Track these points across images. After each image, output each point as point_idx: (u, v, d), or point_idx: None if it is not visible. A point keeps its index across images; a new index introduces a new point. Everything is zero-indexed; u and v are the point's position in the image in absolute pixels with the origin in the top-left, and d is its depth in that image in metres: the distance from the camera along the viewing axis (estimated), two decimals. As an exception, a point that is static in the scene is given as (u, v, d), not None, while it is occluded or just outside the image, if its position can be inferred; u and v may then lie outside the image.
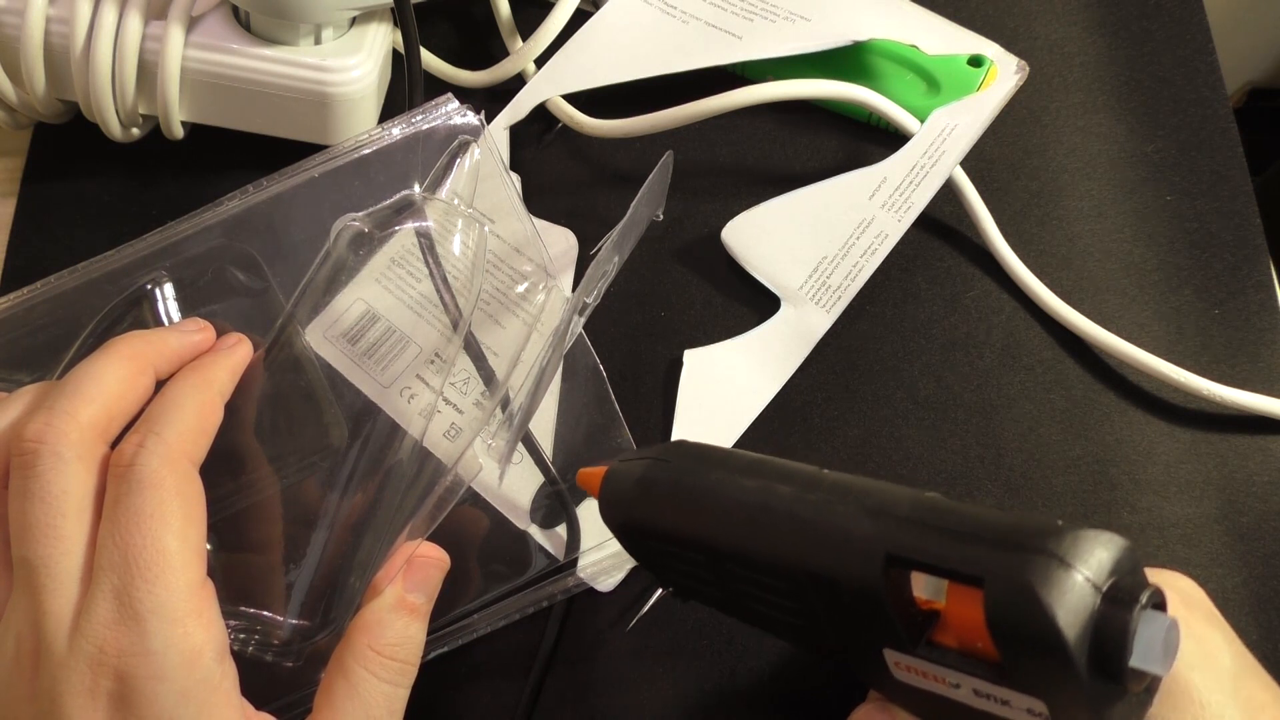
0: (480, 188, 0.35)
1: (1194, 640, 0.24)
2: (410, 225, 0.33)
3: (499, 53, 0.43)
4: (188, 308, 0.32)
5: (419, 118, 0.34)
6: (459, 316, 0.33)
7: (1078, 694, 0.19)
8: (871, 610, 0.21)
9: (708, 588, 0.26)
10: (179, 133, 0.39)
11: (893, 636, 0.22)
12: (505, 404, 0.34)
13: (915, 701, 0.24)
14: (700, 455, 0.27)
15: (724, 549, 0.24)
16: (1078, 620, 0.19)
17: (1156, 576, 0.22)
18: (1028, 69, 0.41)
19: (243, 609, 0.30)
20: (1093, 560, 0.19)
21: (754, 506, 0.24)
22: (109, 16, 0.36)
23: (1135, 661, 0.19)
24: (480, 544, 0.34)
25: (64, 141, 0.41)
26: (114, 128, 0.38)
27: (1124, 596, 0.19)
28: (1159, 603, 0.20)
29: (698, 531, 0.25)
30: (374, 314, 0.34)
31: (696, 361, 0.38)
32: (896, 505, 0.22)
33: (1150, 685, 0.21)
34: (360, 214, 0.33)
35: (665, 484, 0.26)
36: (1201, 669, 0.24)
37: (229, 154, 0.40)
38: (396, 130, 0.34)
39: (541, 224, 0.40)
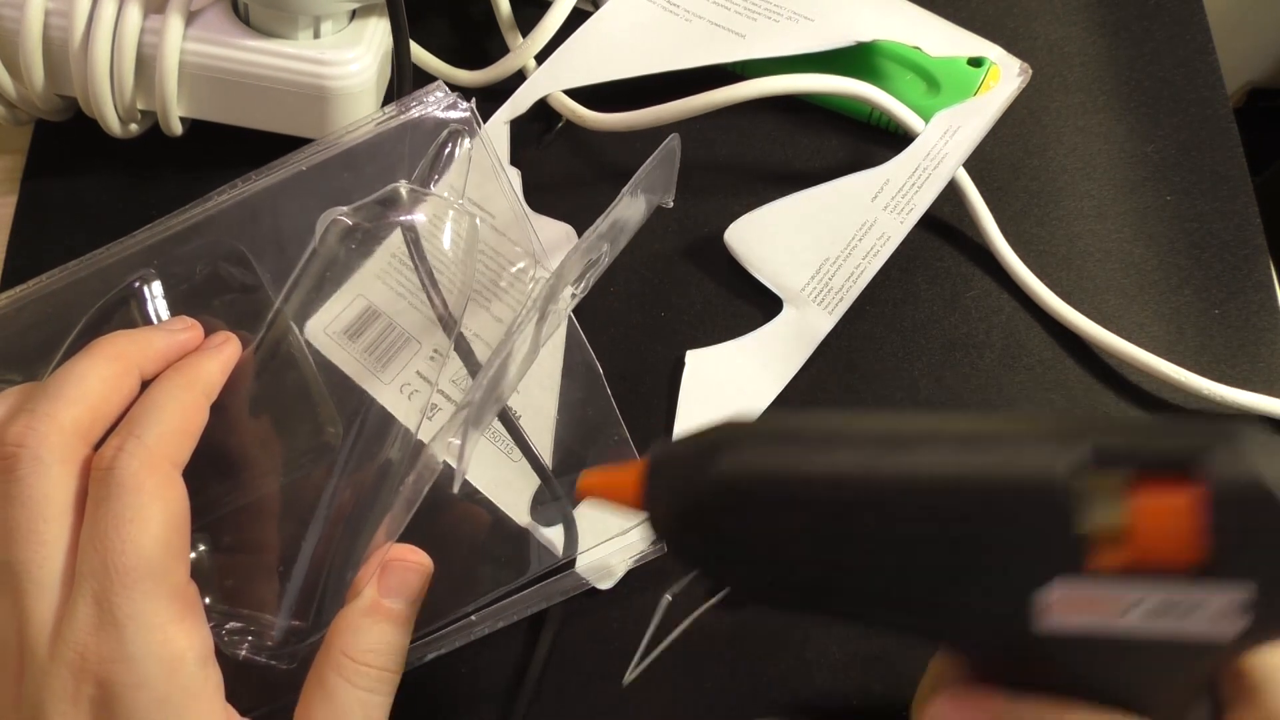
0: (472, 178, 0.35)
1: None
2: (401, 218, 0.33)
3: (498, 53, 0.43)
4: (178, 305, 0.32)
5: (407, 108, 0.34)
6: (446, 311, 0.33)
7: None
8: (1048, 529, 0.20)
9: (801, 571, 0.22)
10: (178, 128, 0.39)
11: (1068, 559, 0.20)
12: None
13: (1053, 663, 0.21)
14: (783, 417, 0.24)
15: (867, 488, 0.21)
16: None
17: None
18: (1030, 71, 0.41)
19: (236, 610, 0.30)
20: None
21: (902, 433, 0.21)
22: (108, 9, 0.35)
23: None
24: (479, 544, 0.34)
25: (64, 139, 0.41)
26: (113, 123, 0.38)
27: None
28: None
29: (830, 474, 0.21)
30: (375, 310, 0.34)
31: (698, 362, 0.38)
32: (1074, 417, 0.22)
33: None
34: (347, 208, 0.33)
35: (766, 437, 0.22)
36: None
37: (229, 151, 0.40)
38: (384, 121, 0.34)
39: (541, 219, 0.40)
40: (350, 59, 0.37)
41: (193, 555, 0.28)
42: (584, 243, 0.32)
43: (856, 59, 0.42)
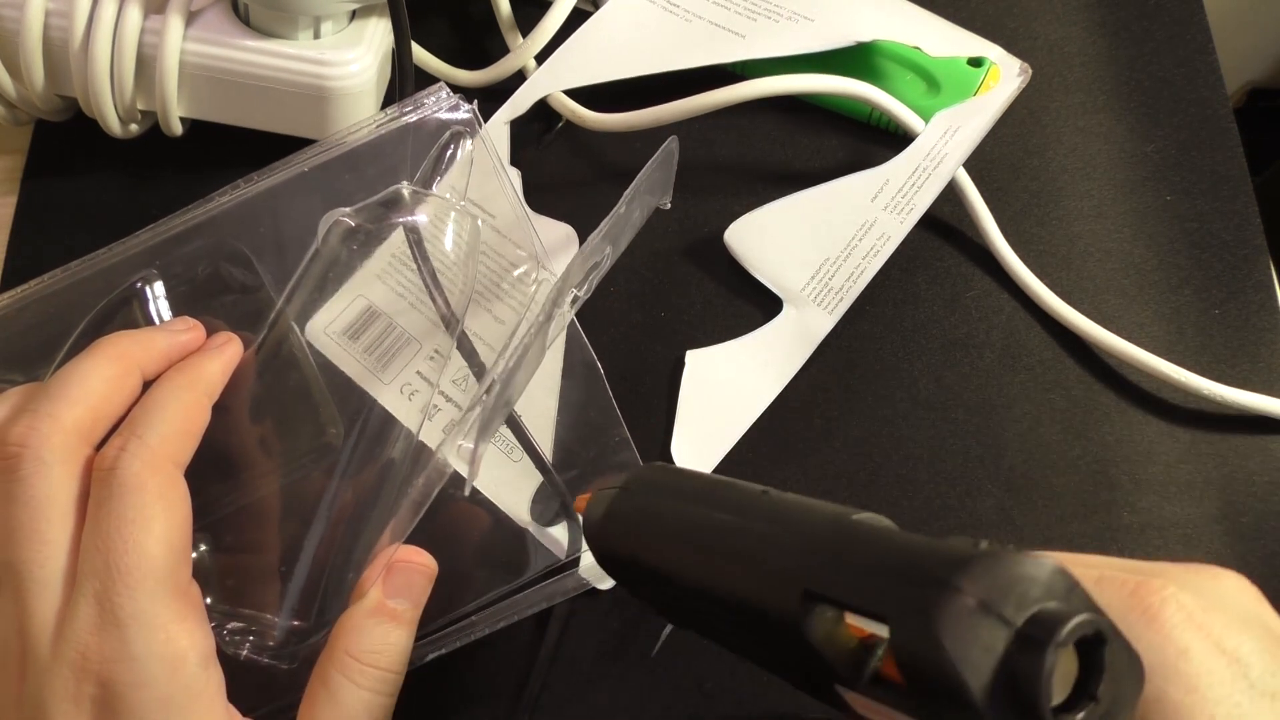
0: (474, 179, 0.35)
1: (1205, 655, 0.19)
2: (403, 220, 0.33)
3: (498, 53, 0.43)
4: (179, 306, 0.32)
5: (409, 109, 0.34)
6: (449, 312, 0.33)
7: None
8: (805, 648, 0.20)
9: (687, 617, 0.25)
10: (178, 129, 0.39)
11: (833, 673, 0.20)
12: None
13: None
14: (657, 484, 0.26)
15: (676, 581, 0.24)
16: (984, 665, 0.16)
17: (1188, 574, 0.21)
18: (1030, 72, 0.41)
19: (238, 610, 0.30)
20: (1007, 591, 0.17)
21: (692, 538, 0.23)
22: (108, 10, 0.35)
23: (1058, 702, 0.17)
24: (480, 543, 0.34)
25: (64, 140, 0.41)
26: (113, 123, 0.38)
27: (1040, 633, 0.17)
28: (1090, 634, 0.17)
29: (654, 564, 0.24)
30: (375, 310, 0.34)
31: (698, 362, 0.38)
32: (818, 534, 0.21)
33: None
34: (349, 209, 0.33)
35: (625, 516, 0.26)
36: (1203, 693, 0.19)
37: (229, 152, 0.40)
38: (387, 122, 0.34)
39: (542, 219, 0.40)
40: (350, 59, 0.37)
41: (194, 555, 0.28)
42: (588, 247, 0.33)
43: (856, 59, 0.42)
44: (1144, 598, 0.20)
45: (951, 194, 0.40)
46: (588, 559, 0.34)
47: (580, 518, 0.28)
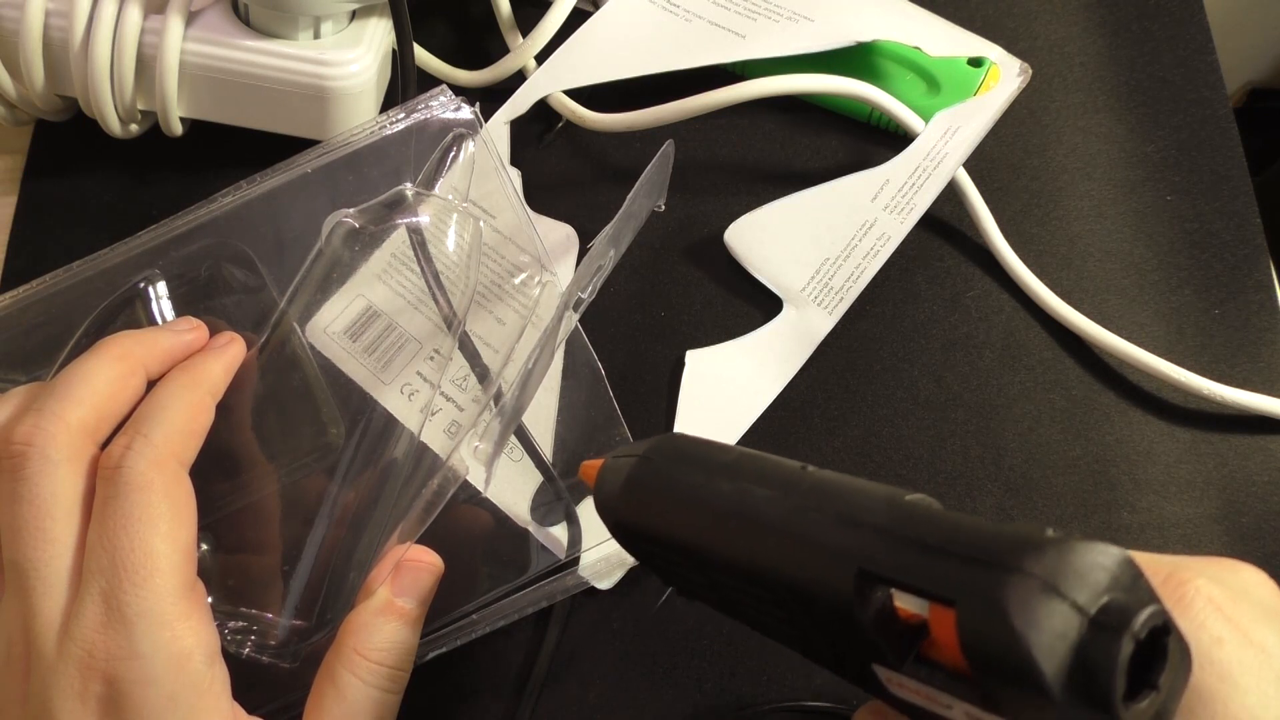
0: (476, 181, 0.35)
1: (1237, 645, 0.20)
2: (405, 221, 0.33)
3: (498, 53, 0.43)
4: (182, 306, 0.32)
5: (412, 110, 0.34)
6: (452, 313, 0.33)
7: None
8: (850, 627, 0.20)
9: (703, 590, 0.25)
10: (178, 129, 0.39)
11: (877, 653, 0.20)
12: (498, 399, 0.33)
13: (915, 715, 0.22)
14: (684, 454, 0.25)
15: (704, 554, 0.23)
16: (1058, 650, 0.17)
17: (1211, 566, 0.21)
18: (1030, 72, 0.41)
19: (239, 609, 0.30)
20: (1079, 579, 0.17)
21: (729, 512, 0.23)
22: (108, 10, 0.35)
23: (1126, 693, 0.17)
24: (481, 543, 0.34)
25: (64, 139, 0.41)
26: (113, 123, 0.38)
27: (1114, 621, 0.17)
28: (1159, 625, 0.17)
29: (679, 536, 0.24)
30: (375, 310, 0.34)
31: (698, 362, 0.38)
32: (872, 513, 0.20)
33: (1159, 716, 0.18)
34: (353, 210, 0.33)
35: (648, 485, 0.25)
36: (1235, 680, 0.19)
37: (229, 152, 0.40)
38: (389, 124, 0.34)
39: (542, 220, 0.40)
40: (350, 59, 0.37)
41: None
42: (594, 250, 0.33)
43: (856, 59, 0.42)
44: (1174, 587, 0.20)
45: (951, 194, 0.40)
46: (588, 558, 0.34)
47: (596, 484, 0.26)
